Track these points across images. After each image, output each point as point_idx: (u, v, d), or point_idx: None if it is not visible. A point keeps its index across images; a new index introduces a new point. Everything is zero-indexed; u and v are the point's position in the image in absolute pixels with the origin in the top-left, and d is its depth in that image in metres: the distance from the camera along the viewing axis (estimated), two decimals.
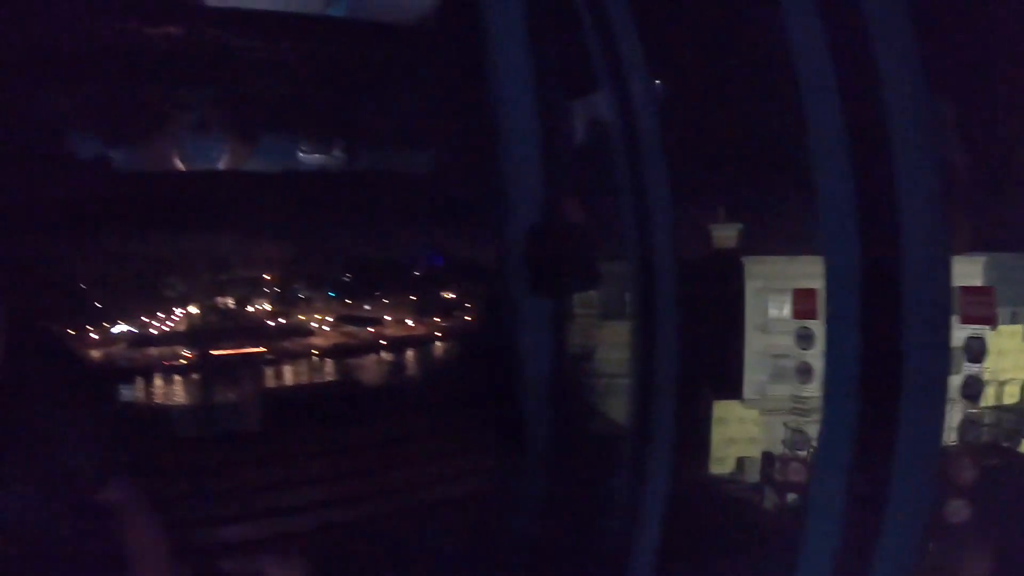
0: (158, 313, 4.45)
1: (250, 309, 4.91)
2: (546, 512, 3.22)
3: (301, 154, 4.11)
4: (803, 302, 4.77)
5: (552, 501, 3.21)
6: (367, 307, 5.05)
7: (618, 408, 3.38)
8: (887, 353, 2.02)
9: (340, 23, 4.42)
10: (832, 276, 2.16)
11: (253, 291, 4.92)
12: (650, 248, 2.94)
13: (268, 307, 4.97)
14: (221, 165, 3.81)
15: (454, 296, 4.81)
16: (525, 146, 3.01)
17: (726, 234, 6.34)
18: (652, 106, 3.09)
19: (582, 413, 3.29)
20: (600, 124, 3.18)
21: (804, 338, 4.84)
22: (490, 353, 3.21)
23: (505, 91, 3.10)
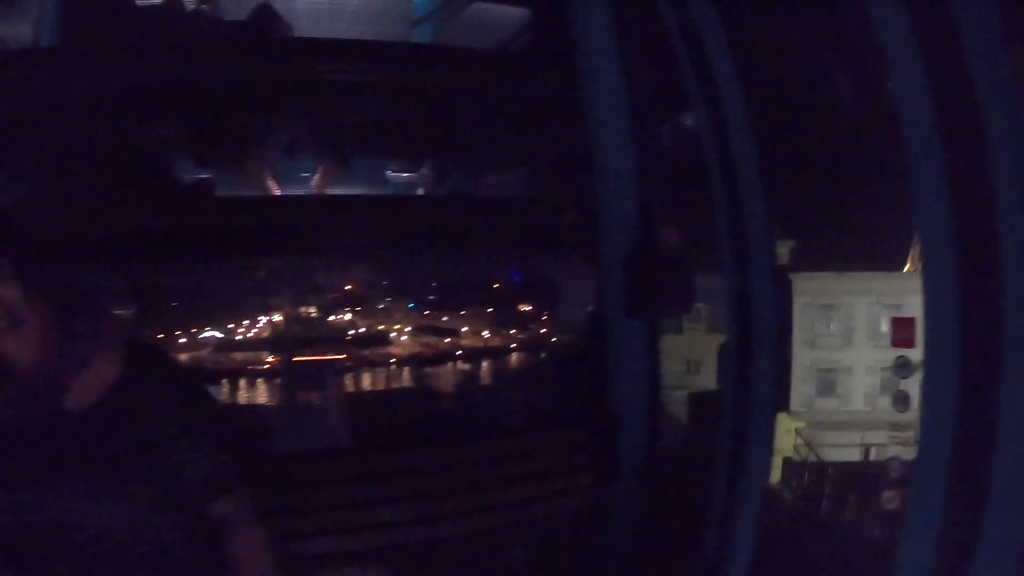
0: (258, 328, 4.57)
1: (353, 323, 5.01)
2: (640, 529, 3.20)
3: (390, 174, 4.21)
4: (901, 331, 4.68)
5: (646, 518, 3.19)
6: (470, 326, 5.09)
7: (713, 421, 3.35)
8: (986, 378, 1.98)
9: (425, 50, 4.50)
10: (932, 303, 2.11)
11: (352, 305, 5.02)
12: (745, 265, 2.91)
13: (376, 323, 5.06)
14: (314, 187, 3.91)
15: (546, 313, 4.82)
16: (620, 168, 3.01)
17: (780, 251, 6.28)
18: (746, 125, 3.06)
19: (676, 428, 3.26)
20: (693, 144, 3.16)
21: (902, 367, 4.75)
22: (586, 368, 3.21)
23: (598, 113, 3.10)
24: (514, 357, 5.02)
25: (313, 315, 4.75)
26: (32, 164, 2.97)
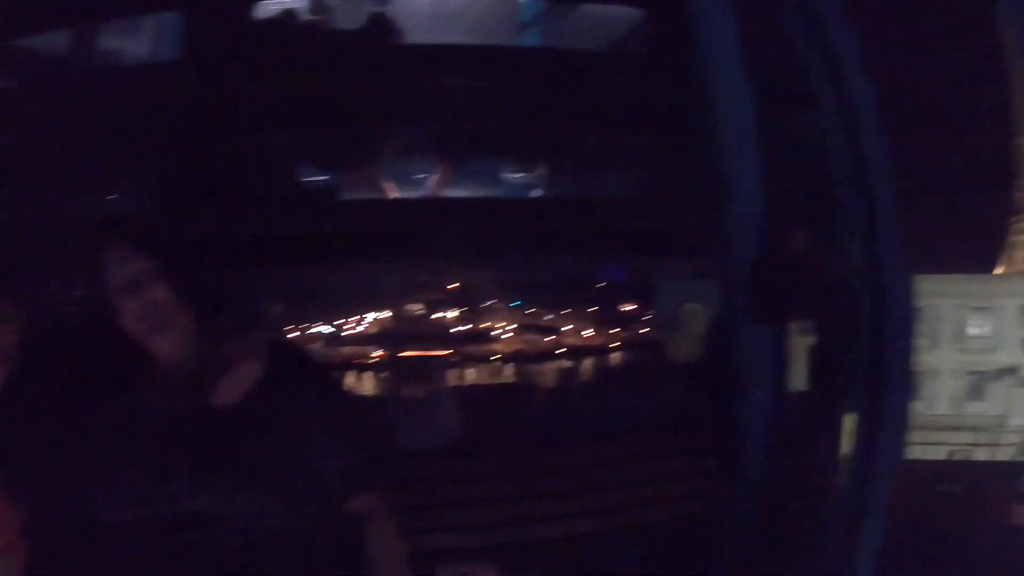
0: (370, 324, 4.65)
1: (470, 321, 5.05)
2: (761, 537, 3.11)
3: (505, 176, 4.23)
4: None
5: (768, 525, 3.10)
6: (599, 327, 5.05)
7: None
8: None
9: (538, 53, 4.50)
10: None
11: (468, 304, 5.06)
12: (878, 268, 2.81)
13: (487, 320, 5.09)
14: (432, 190, 3.96)
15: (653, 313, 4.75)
16: (743, 169, 2.93)
17: None
18: (875, 122, 2.95)
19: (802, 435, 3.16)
20: (821, 142, 3.06)
21: None
22: (710, 373, 3.14)
23: (720, 112, 3.03)
24: (629, 357, 4.93)
25: (424, 313, 4.79)
26: (167, 171, 3.09)
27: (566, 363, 5.23)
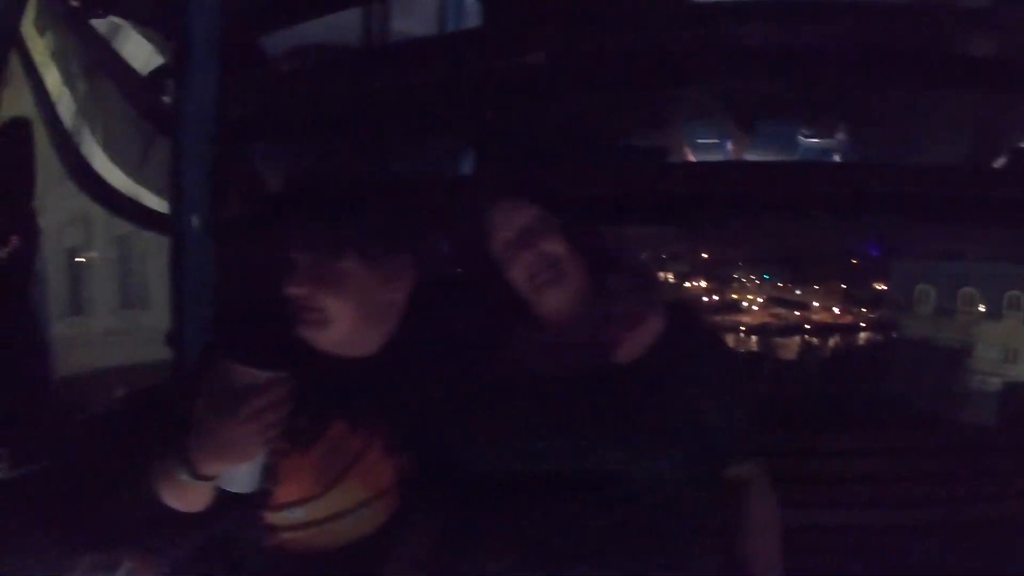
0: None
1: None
2: None
3: (802, 138, 4.01)
4: None
5: None
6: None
7: None
8: None
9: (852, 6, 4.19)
10: None
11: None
12: None
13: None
14: (732, 154, 3.84)
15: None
16: None
17: None
18: None
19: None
20: None
21: None
22: None
23: None
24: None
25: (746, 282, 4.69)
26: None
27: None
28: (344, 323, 1.59)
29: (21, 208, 3.09)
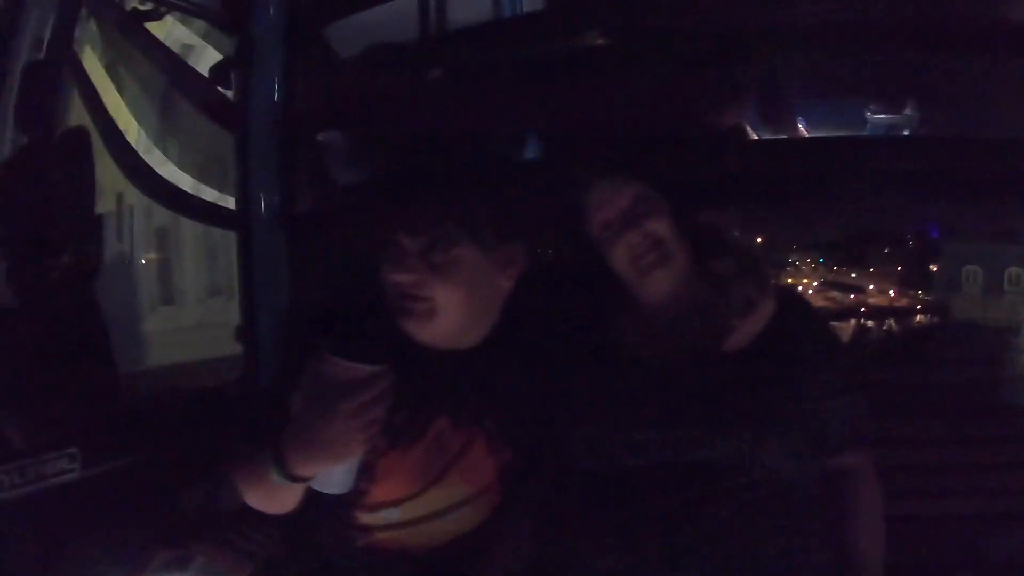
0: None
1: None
2: None
3: (869, 115, 3.87)
4: None
5: None
6: None
7: None
8: None
9: None
10: None
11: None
12: None
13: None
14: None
15: None
16: None
17: None
18: None
19: None
20: None
21: None
22: None
23: None
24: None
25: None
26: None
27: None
28: (452, 314, 1.48)
29: (84, 214, 3.09)
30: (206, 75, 2.70)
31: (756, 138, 3.82)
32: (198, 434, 2.32)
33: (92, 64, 3.42)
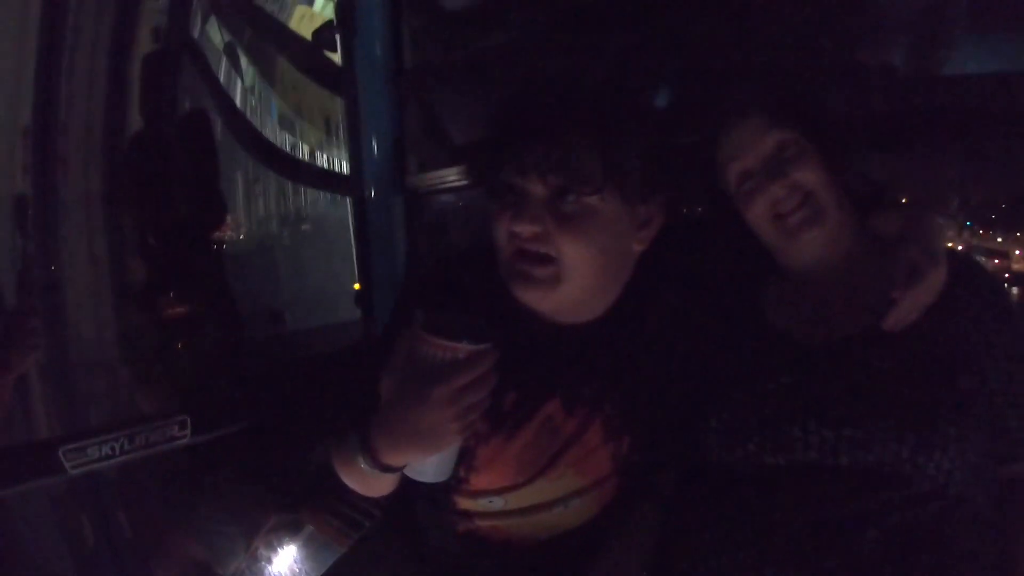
0: None
1: None
2: None
3: None
4: None
5: None
6: None
7: None
8: None
9: None
10: None
11: None
12: None
13: None
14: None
15: None
16: None
17: None
18: None
19: None
20: None
21: None
22: None
23: None
24: None
25: None
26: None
27: None
28: (579, 279, 1.21)
29: (206, 191, 3.06)
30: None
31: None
32: (311, 402, 2.24)
33: (209, 47, 3.38)
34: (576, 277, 1.21)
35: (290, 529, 2.20)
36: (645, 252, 1.30)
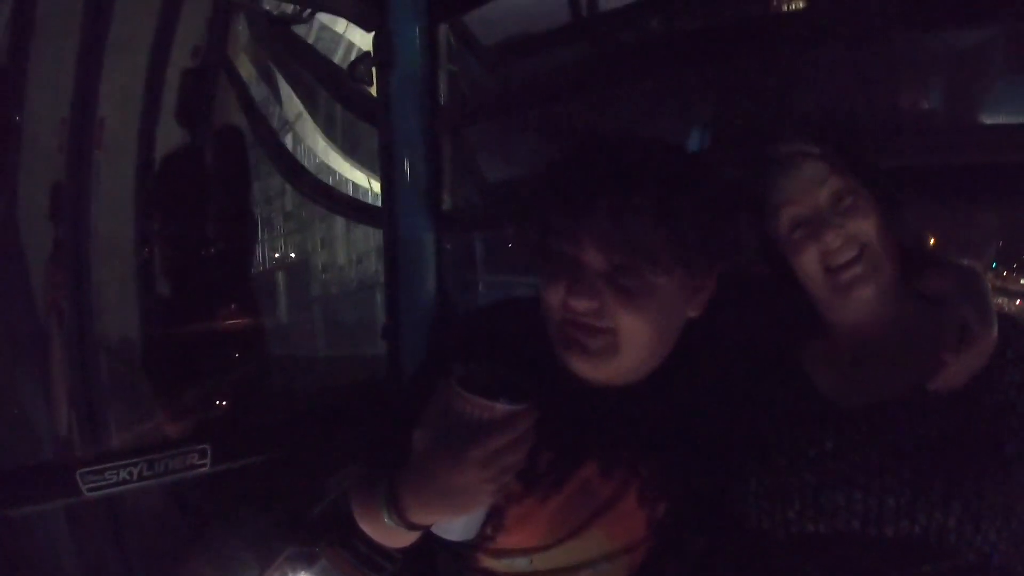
0: None
1: None
2: None
3: None
4: None
5: None
6: None
7: None
8: None
9: None
10: None
11: None
12: None
13: None
14: None
15: None
16: None
17: None
18: None
19: None
20: None
21: None
22: None
23: None
24: None
25: None
26: None
27: None
28: (634, 351, 1.14)
29: (236, 210, 3.02)
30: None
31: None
32: (333, 434, 2.17)
33: (245, 66, 3.36)
34: (632, 349, 1.14)
35: (305, 560, 2.12)
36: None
